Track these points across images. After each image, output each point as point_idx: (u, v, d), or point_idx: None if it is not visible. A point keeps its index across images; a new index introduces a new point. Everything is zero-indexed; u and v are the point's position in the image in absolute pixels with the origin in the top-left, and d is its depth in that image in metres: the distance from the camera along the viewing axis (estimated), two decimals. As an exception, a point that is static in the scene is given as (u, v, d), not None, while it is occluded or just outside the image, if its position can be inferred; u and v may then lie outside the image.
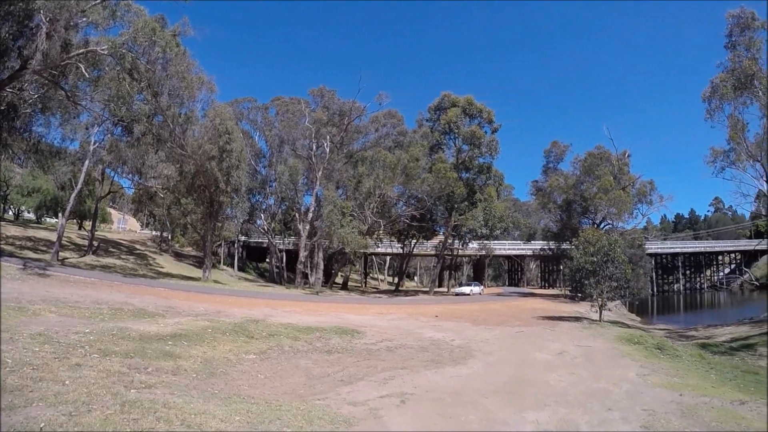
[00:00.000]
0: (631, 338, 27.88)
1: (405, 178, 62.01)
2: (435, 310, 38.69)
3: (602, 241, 36.83)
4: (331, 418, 10.26)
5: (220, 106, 55.22)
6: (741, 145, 38.95)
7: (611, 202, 62.24)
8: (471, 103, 66.80)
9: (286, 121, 70.26)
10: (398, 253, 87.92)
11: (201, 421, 8.48)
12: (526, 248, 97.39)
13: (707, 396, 14.81)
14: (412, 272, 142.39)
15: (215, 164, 50.73)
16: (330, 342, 20.27)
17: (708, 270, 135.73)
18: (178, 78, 46.52)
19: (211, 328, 19.41)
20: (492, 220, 66.34)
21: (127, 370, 11.79)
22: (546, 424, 11.14)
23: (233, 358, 15.64)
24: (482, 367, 17.66)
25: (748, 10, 35.48)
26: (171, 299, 29.26)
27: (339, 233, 55.46)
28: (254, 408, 10.07)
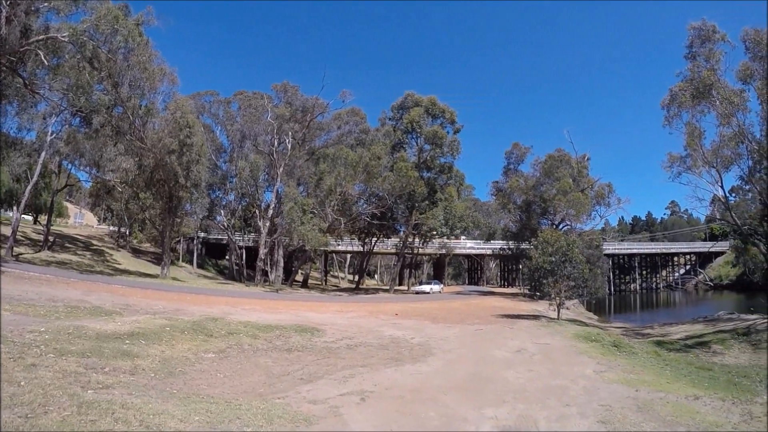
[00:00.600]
0: (588, 336, 28.27)
1: (366, 176, 62.08)
2: (395, 308, 38.71)
3: (560, 242, 37.41)
4: (291, 416, 10.24)
5: (181, 98, 54.44)
6: (697, 151, 39.80)
7: (570, 203, 63.05)
8: (434, 103, 67.37)
9: (249, 116, 69.46)
10: (359, 251, 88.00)
11: (160, 421, 8.40)
12: (486, 247, 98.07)
13: (662, 391, 15.14)
14: (373, 270, 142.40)
15: (175, 158, 49.88)
16: (290, 340, 20.17)
17: (664, 270, 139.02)
18: (140, 68, 45.76)
19: (170, 326, 19.14)
20: (452, 220, 66.86)
21: (84, 370, 11.60)
22: (505, 420, 11.27)
23: (192, 357, 15.48)
24: (442, 364, 17.78)
25: (709, 23, 36.34)
26: (128, 297, 28.85)
27: (299, 230, 55.19)
28: (214, 407, 10.01)
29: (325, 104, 68.76)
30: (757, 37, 34.09)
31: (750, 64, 34.79)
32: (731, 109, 35.06)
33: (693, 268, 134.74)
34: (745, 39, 35.04)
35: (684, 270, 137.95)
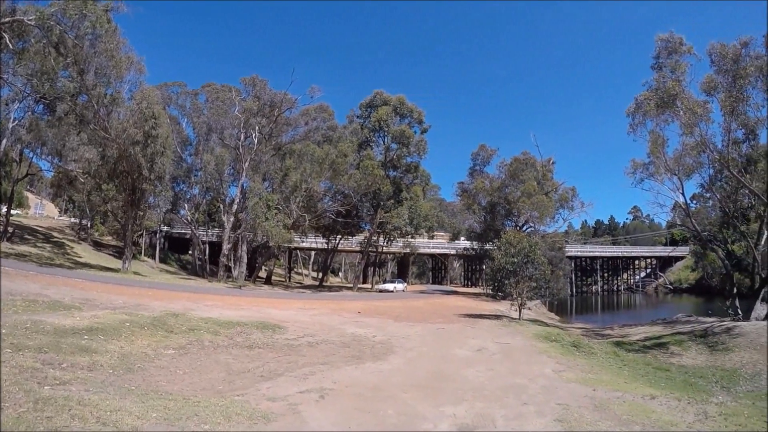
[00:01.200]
0: (548, 336, 28.70)
1: (332, 173, 61.83)
2: (358, 306, 38.76)
3: (523, 243, 37.82)
4: (249, 413, 10.30)
5: (148, 88, 53.03)
6: (660, 159, 40.58)
7: (534, 206, 63.79)
8: (402, 102, 67.34)
9: (216, 109, 68.71)
10: (323, 249, 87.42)
11: (117, 418, 8.39)
12: (450, 247, 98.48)
13: (619, 391, 15.45)
14: (337, 268, 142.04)
15: (139, 150, 48.86)
16: (251, 337, 20.11)
17: (625, 273, 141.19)
18: (107, 56, 44.64)
19: (130, 321, 18.93)
20: (417, 219, 66.86)
21: (41, 365, 11.51)
22: (463, 418, 11.45)
23: (151, 353, 15.40)
24: (402, 362, 17.96)
25: (676, 36, 37.01)
26: (88, 291, 28.40)
27: (263, 226, 54.66)
28: (171, 404, 10.01)
29: (294, 99, 67.72)
30: (722, 51, 34.85)
31: (714, 76, 35.59)
32: (694, 119, 35.76)
33: (653, 271, 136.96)
34: (711, 52, 35.81)
35: (645, 273, 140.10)
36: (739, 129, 38.40)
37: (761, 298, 38.04)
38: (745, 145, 40.85)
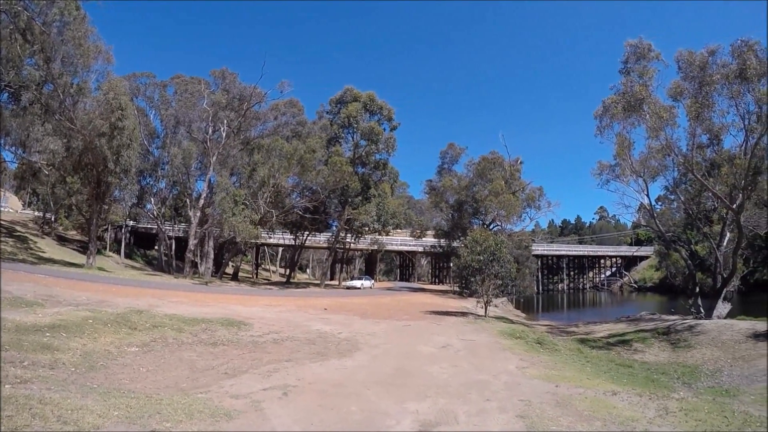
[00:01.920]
0: (513, 333, 28.91)
1: (301, 169, 61.51)
2: (325, 302, 38.73)
3: (489, 241, 38.05)
4: (212, 411, 10.29)
5: (115, 79, 51.92)
6: (626, 161, 41.26)
7: (501, 204, 64.27)
8: (373, 99, 67.46)
9: (184, 101, 67.89)
10: (291, 245, 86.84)
11: (78, 417, 8.36)
12: (418, 244, 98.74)
13: (582, 387, 15.59)
14: (305, 264, 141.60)
15: (105, 142, 47.66)
16: (216, 334, 20.05)
17: (591, 272, 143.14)
18: (74, 44, 43.91)
19: (93, 318, 18.78)
20: (385, 216, 66.94)
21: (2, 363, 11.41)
22: (426, 414, 11.48)
23: (115, 351, 15.31)
24: (367, 359, 18.01)
25: (645, 42, 37.51)
26: (52, 287, 27.97)
27: (230, 222, 54.40)
28: (134, 402, 9.97)
29: (263, 93, 67.64)
30: (690, 59, 35.46)
31: (681, 83, 36.22)
32: (660, 123, 36.32)
33: (619, 270, 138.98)
34: (678, 59, 36.42)
35: (610, 272, 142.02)
36: (704, 134, 39.29)
37: (723, 297, 38.85)
38: (710, 149, 41.75)
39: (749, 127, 34.64)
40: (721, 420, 12.64)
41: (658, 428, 11.58)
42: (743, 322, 32.60)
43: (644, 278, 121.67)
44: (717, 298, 38.85)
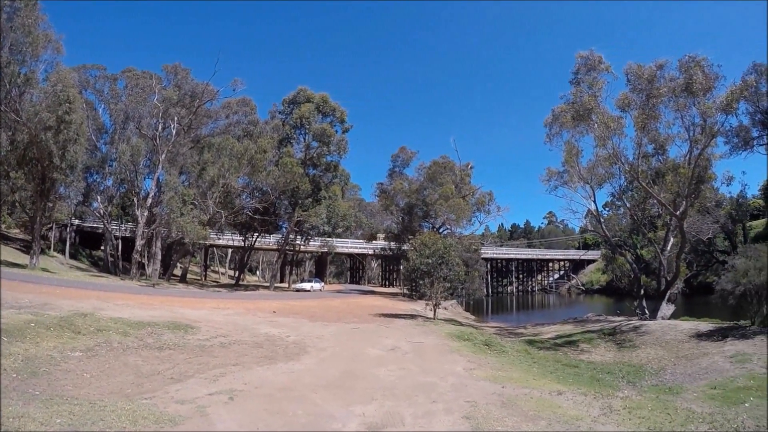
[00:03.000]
0: (461, 335, 29.13)
1: (251, 169, 61.13)
2: (273, 305, 38.54)
3: (438, 245, 38.41)
4: (156, 417, 10.25)
5: (65, 70, 50.38)
6: (574, 168, 42.37)
7: (451, 208, 64.98)
8: (326, 100, 67.40)
9: (135, 96, 65.57)
10: (240, 246, 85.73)
11: (19, 425, 8.26)
12: (368, 247, 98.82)
13: (528, 387, 15.86)
14: (255, 266, 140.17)
15: (51, 136, 46.12)
16: (162, 338, 19.77)
17: (539, 275, 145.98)
18: (24, 32, 42.82)
19: (35, 322, 18.26)
20: (335, 218, 66.76)
21: (-60, 369, 11.14)
22: (372, 417, 11.60)
23: (58, 356, 14.98)
24: (315, 362, 18.04)
25: (596, 54, 38.53)
26: (-9, 289, 27.38)
27: (179, 222, 53.57)
28: (77, 409, 9.87)
29: (216, 91, 66.71)
30: (639, 72, 36.47)
31: (629, 94, 37.16)
32: (608, 132, 37.32)
33: (566, 273, 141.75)
34: (627, 72, 37.37)
35: (558, 275, 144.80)
36: (650, 144, 40.54)
37: (667, 299, 40.03)
38: (655, 158, 43.11)
39: (694, 138, 35.72)
40: (664, 417, 12.97)
41: (602, 426, 11.85)
42: (686, 323, 33.76)
43: (591, 281, 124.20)
44: (661, 300, 39.99)
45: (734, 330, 28.61)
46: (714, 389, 17.73)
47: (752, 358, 22.05)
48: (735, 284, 29.62)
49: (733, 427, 12.27)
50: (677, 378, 21.60)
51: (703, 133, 35.11)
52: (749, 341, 25.43)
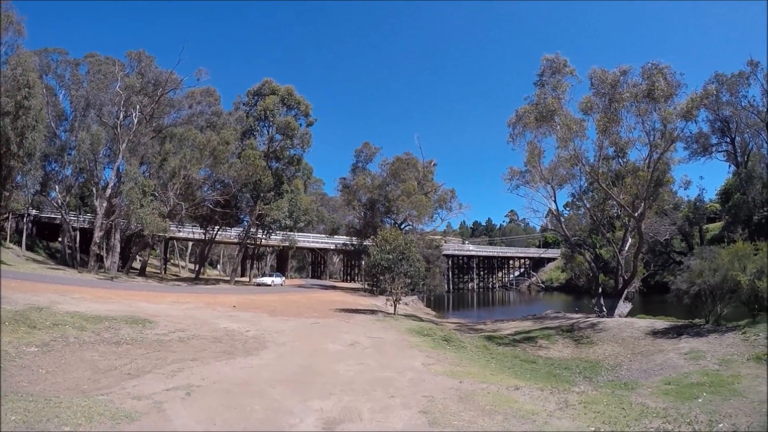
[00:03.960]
0: (421, 330, 29.35)
1: (213, 160, 60.62)
2: (234, 300, 38.36)
3: (398, 240, 38.62)
4: (112, 413, 10.13)
5: (25, 53, 49.38)
6: (536, 168, 43.06)
7: (413, 205, 65.38)
8: (291, 93, 67.16)
9: (97, 83, 64.16)
10: (201, 240, 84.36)
11: (-29, 422, 8.12)
12: (330, 242, 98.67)
13: (485, 383, 15.94)
14: (216, 260, 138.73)
15: (9, 122, 45.05)
16: (119, 332, 19.51)
17: (500, 272, 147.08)
18: None
19: (-11, 316, 18.04)
20: (297, 212, 66.47)
21: None
22: (329, 412, 11.59)
23: (12, 352, 14.73)
24: (274, 357, 17.98)
25: (561, 58, 39.33)
26: (-56, 281, 26.75)
27: (138, 213, 52.74)
28: (32, 406, 9.74)
29: (179, 80, 65.82)
30: (602, 77, 37.19)
31: (592, 98, 37.89)
32: (570, 134, 38.00)
33: (527, 271, 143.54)
34: (591, 76, 38.07)
35: (519, 272, 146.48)
36: (611, 147, 41.29)
37: (624, 298, 40.81)
38: (615, 161, 44.24)
39: (654, 142, 36.47)
40: (618, 412, 13.19)
41: (558, 421, 11.98)
42: (643, 321, 34.41)
43: (551, 279, 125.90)
44: (618, 298, 40.68)
45: (689, 328, 29.26)
46: (668, 385, 18.02)
47: (706, 355, 22.50)
48: (690, 284, 30.26)
49: (687, 422, 12.55)
50: (633, 374, 21.92)
51: (662, 138, 35.89)
52: (703, 339, 25.98)
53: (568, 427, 11.60)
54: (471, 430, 10.93)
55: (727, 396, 15.45)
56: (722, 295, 29.19)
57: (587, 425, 11.86)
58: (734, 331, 25.98)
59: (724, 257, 29.52)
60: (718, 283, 28.76)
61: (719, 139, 71.18)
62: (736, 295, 28.55)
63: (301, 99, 68.38)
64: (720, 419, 12.86)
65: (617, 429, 11.79)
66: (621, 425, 12.05)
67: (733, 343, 23.70)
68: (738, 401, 14.79)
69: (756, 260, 28.41)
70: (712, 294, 29.53)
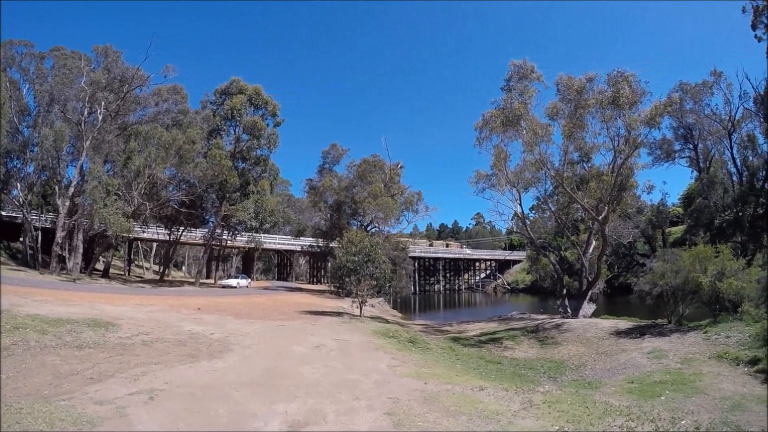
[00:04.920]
0: (387, 332, 29.42)
1: (179, 160, 59.98)
2: (198, 302, 38.05)
3: (364, 242, 38.71)
4: (74, 419, 10.03)
5: None
6: (502, 172, 43.68)
7: (379, 207, 65.48)
8: (258, 93, 66.68)
9: (62, 77, 62.37)
10: (165, 241, 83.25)
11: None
12: (296, 244, 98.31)
13: (450, 384, 16.16)
14: (180, 261, 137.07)
15: None
16: (82, 336, 19.13)
17: (466, 274, 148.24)
18: None
19: (-54, 319, 17.65)
20: (263, 213, 66.00)
21: None
22: (294, 415, 11.64)
23: (-30, 356, 14.43)
24: (238, 360, 17.91)
25: (529, 64, 39.86)
26: None
27: (101, 213, 51.71)
28: (-9, 413, 9.55)
29: (146, 77, 64.96)
30: (569, 83, 38.07)
31: (558, 104, 38.71)
32: (536, 139, 38.73)
33: (493, 272, 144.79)
34: (558, 83, 38.88)
35: (485, 274, 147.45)
36: (576, 152, 42.33)
37: (588, 299, 41.54)
38: (580, 166, 44.98)
39: (618, 148, 37.20)
40: (582, 410, 13.49)
41: (522, 420, 12.21)
42: (606, 321, 35.08)
43: (517, 280, 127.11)
44: (583, 299, 41.34)
45: (652, 328, 29.92)
46: (631, 383, 18.37)
47: (668, 354, 23.00)
48: (653, 285, 30.95)
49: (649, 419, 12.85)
50: (597, 373, 22.29)
51: (627, 144, 36.63)
52: (666, 338, 26.56)
53: (532, 427, 11.81)
54: (435, 430, 11.04)
55: (689, 394, 15.87)
56: (684, 296, 29.91)
57: (551, 424, 12.10)
58: (696, 330, 26.59)
59: (686, 259, 30.17)
60: (679, 285, 29.43)
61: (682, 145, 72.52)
62: (698, 296, 29.28)
63: (268, 99, 67.87)
64: (682, 416, 13.25)
65: (581, 427, 12.05)
66: (585, 424, 12.31)
67: (695, 343, 24.25)
68: (700, 399, 15.22)
69: (717, 262, 29.14)
70: (674, 295, 30.20)
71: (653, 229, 75.64)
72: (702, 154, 70.89)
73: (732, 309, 28.13)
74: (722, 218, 63.74)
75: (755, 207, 61.85)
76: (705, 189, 66.78)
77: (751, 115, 64.81)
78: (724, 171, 68.40)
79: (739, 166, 66.42)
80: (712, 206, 64.20)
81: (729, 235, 60.29)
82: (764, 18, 52.48)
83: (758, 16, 52.94)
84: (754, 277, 27.51)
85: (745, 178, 64.63)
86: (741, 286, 27.20)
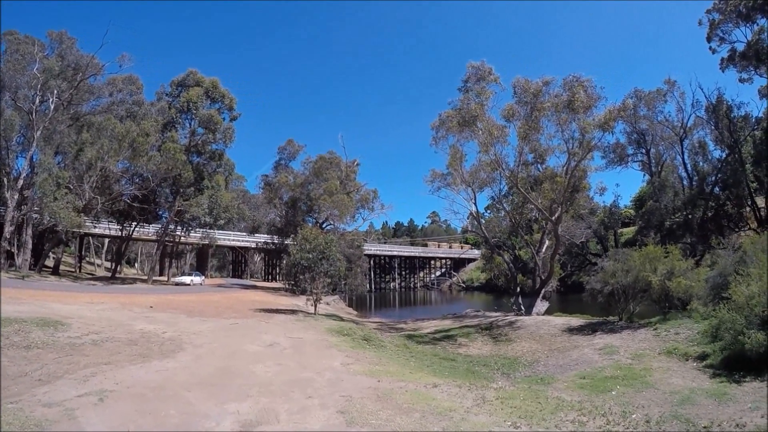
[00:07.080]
0: (341, 330, 29.43)
1: (132, 153, 58.84)
2: (151, 300, 37.36)
3: (318, 240, 38.56)
4: (21, 422, 9.81)
5: None
6: (458, 171, 44.20)
7: (335, 204, 65.53)
8: (216, 86, 65.70)
9: (14, 63, 59.25)
10: (118, 236, 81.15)
11: None
12: (251, 240, 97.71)
13: (404, 381, 16.23)
14: (133, 258, 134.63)
15: None
16: (30, 336, 18.63)
17: (422, 272, 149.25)
18: None
19: None
20: (217, 209, 65.25)
21: None
22: (246, 415, 11.54)
23: None
24: (190, 359, 17.70)
25: (487, 66, 40.38)
26: None
27: (51, 207, 50.61)
28: (-66, 418, 9.33)
29: (101, 65, 63.30)
30: (526, 86, 38.75)
31: (515, 106, 39.39)
32: (492, 140, 39.26)
33: (448, 271, 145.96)
34: (515, 85, 39.55)
35: (440, 272, 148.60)
36: (531, 153, 43.15)
37: (542, 297, 42.35)
38: (535, 167, 45.86)
39: (572, 151, 37.99)
40: (535, 406, 13.71)
41: (475, 416, 12.31)
42: (559, 318, 35.85)
43: (471, 278, 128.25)
44: (536, 297, 42.05)
45: (603, 325, 30.55)
46: (583, 379, 18.72)
47: (619, 350, 23.44)
48: (604, 284, 31.67)
49: (601, 414, 13.12)
50: (549, 369, 22.60)
51: (581, 147, 37.43)
52: (617, 335, 27.11)
53: (486, 423, 11.91)
54: (388, 428, 11.08)
55: (639, 388, 16.26)
56: (635, 294, 30.74)
57: (504, 420, 12.24)
58: (646, 327, 27.27)
59: (637, 259, 30.90)
60: (630, 283, 30.19)
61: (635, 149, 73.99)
62: (648, 294, 30.09)
63: (225, 92, 66.97)
64: (633, 410, 13.56)
65: (534, 422, 12.23)
66: (537, 419, 12.51)
67: (645, 339, 24.82)
68: (650, 393, 15.61)
69: (666, 262, 29.94)
70: (625, 293, 30.98)
71: (605, 230, 77.15)
72: (654, 159, 72.43)
73: (681, 307, 28.93)
74: (672, 220, 65.31)
75: (704, 210, 63.67)
76: (656, 192, 68.34)
77: (703, 123, 66.70)
78: (675, 175, 70.08)
79: (689, 171, 68.08)
80: (662, 209, 65.70)
81: (679, 236, 61.73)
82: (719, 32, 54.11)
83: (714, 29, 54.54)
84: (702, 277, 28.21)
85: (696, 182, 66.28)
86: (690, 285, 27.92)
